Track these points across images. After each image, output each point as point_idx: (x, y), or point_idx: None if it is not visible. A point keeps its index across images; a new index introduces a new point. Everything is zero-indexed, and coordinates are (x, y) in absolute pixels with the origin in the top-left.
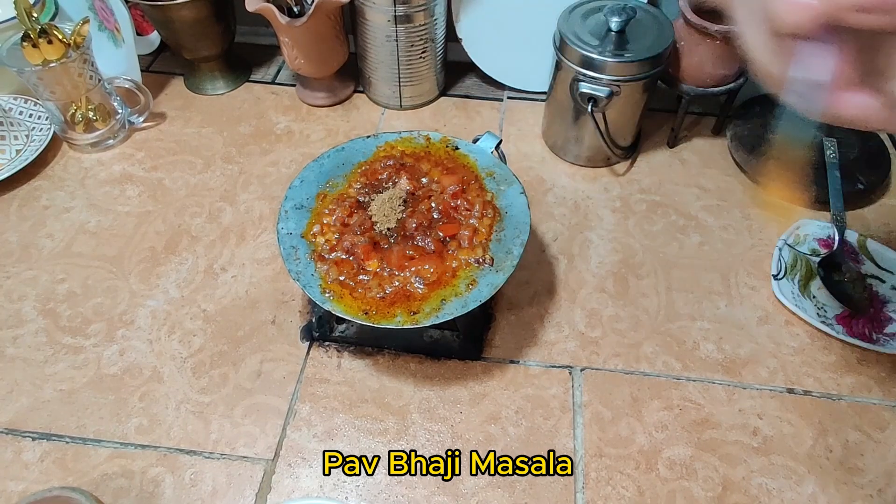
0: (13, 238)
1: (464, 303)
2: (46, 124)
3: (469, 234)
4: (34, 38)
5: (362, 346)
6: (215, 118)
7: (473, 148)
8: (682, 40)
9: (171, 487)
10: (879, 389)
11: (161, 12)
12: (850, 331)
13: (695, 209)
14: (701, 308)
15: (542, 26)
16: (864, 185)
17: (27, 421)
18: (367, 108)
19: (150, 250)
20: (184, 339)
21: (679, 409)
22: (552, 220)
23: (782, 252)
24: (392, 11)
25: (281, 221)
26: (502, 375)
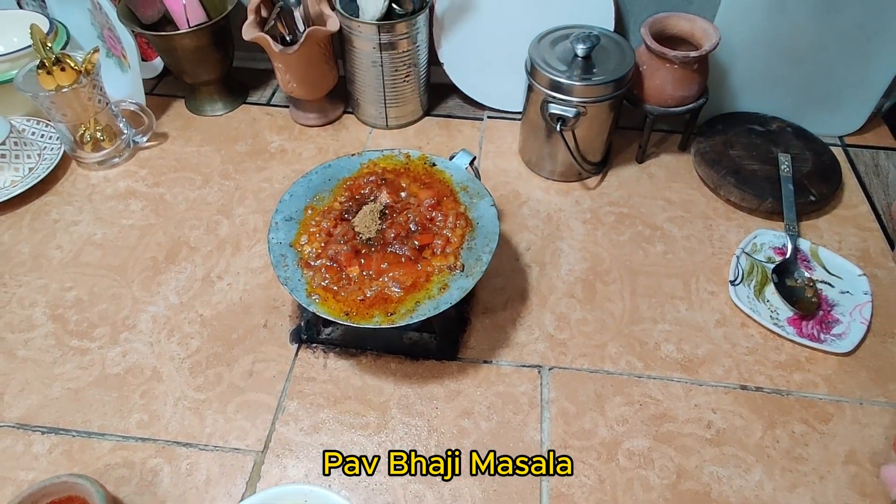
0: (25, 249)
1: (436, 305)
2: (57, 144)
3: (442, 243)
4: (49, 66)
5: (346, 348)
6: (214, 138)
7: (449, 164)
8: (645, 65)
9: (169, 476)
10: (825, 386)
11: (165, 41)
12: (800, 332)
13: (660, 220)
14: (663, 311)
15: (518, 50)
16: (816, 197)
17: (37, 416)
18: (355, 127)
19: (151, 260)
20: (182, 341)
21: (639, 405)
22: (526, 230)
23: (740, 260)
24: (377, 39)
25: (272, 232)
26: (476, 374)
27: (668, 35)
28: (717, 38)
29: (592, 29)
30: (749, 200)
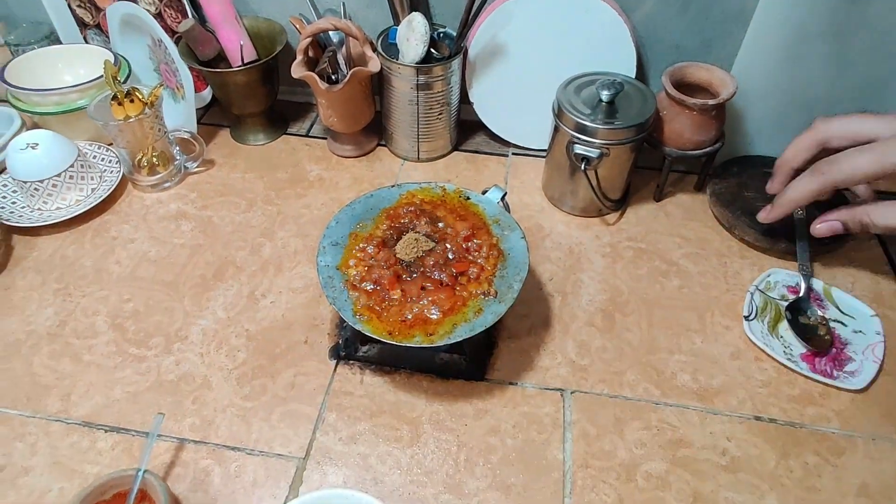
0: (88, 263)
1: (472, 327)
2: (116, 167)
3: (477, 271)
4: (120, 98)
5: (382, 366)
6: (257, 165)
7: (482, 198)
8: (665, 110)
9: (219, 477)
10: (838, 420)
11: (218, 76)
12: (814, 368)
13: (676, 256)
14: (679, 343)
15: (543, 93)
16: (829, 239)
17: (101, 416)
18: (388, 159)
19: (200, 277)
20: (230, 353)
21: (657, 430)
22: (549, 262)
23: (754, 296)
24: (415, 80)
25: (320, 255)
26: (503, 395)
27: (687, 83)
28: (734, 88)
29: (616, 76)
30: (763, 241)
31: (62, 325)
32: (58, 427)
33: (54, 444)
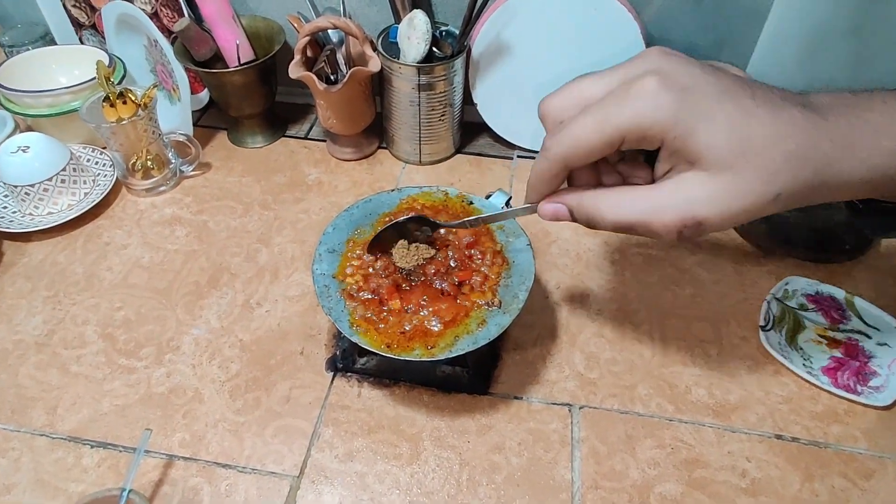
0: (79, 269)
1: (474, 340)
2: (110, 171)
3: (480, 280)
4: (112, 100)
5: (380, 378)
6: (254, 168)
7: (486, 203)
8: None
9: (209, 496)
10: (865, 440)
11: (215, 77)
12: (836, 382)
13: (689, 263)
14: (693, 355)
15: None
16: (850, 245)
17: (87, 430)
18: (389, 162)
19: (194, 284)
20: (223, 364)
21: (671, 448)
22: (555, 269)
23: (771, 305)
24: (416, 80)
25: (315, 263)
26: (507, 410)
27: None
28: None
29: None
30: (780, 248)
31: (50, 334)
32: (43, 442)
33: (38, 460)
